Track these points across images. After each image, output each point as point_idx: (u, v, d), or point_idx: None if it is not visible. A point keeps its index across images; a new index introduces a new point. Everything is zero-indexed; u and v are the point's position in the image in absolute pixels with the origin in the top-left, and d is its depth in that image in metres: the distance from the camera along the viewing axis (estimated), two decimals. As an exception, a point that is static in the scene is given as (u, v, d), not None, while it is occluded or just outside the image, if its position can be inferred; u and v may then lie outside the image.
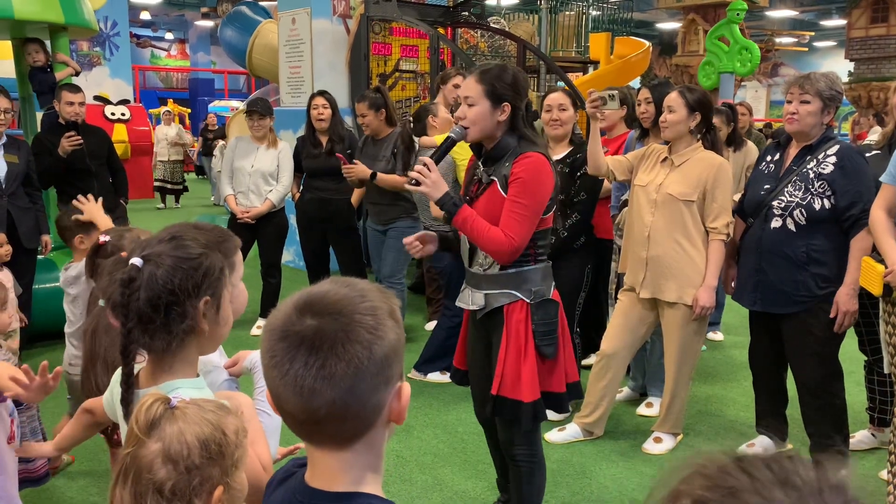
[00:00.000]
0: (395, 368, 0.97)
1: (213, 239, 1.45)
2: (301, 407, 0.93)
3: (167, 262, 1.38)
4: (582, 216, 3.77)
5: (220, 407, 1.24)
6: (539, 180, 2.43)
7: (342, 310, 0.94)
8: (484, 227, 2.42)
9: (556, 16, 10.21)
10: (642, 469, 3.48)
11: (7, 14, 4.76)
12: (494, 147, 2.49)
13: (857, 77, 15.58)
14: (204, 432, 1.19)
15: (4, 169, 4.35)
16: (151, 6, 23.33)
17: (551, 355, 2.52)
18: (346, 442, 0.97)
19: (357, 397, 0.93)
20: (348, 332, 0.92)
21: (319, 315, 0.93)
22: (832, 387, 3.26)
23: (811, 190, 3.11)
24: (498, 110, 2.43)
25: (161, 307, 1.37)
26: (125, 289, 1.36)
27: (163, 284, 1.36)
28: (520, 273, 2.51)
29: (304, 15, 7.18)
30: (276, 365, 0.93)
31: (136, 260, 1.38)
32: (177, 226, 1.46)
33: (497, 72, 2.45)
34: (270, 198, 5.18)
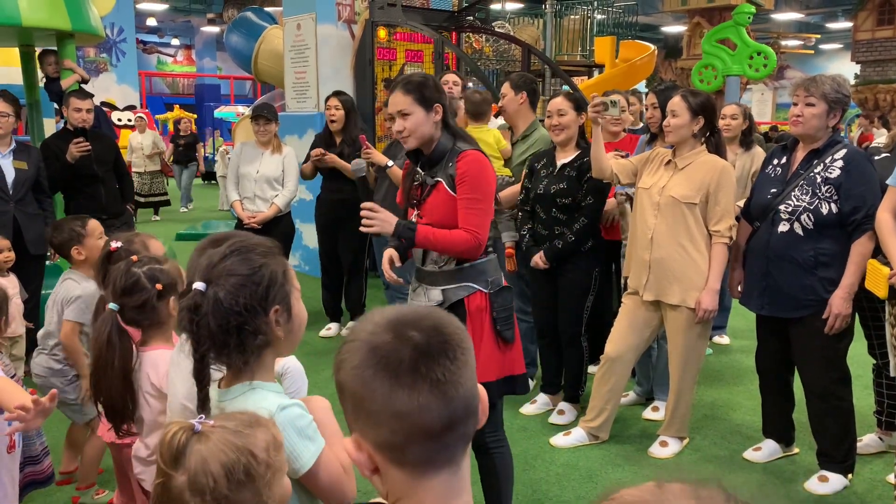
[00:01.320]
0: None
1: (268, 244, 1.46)
2: (444, 409, 0.92)
3: (230, 282, 1.37)
4: (589, 220, 3.77)
5: (248, 423, 1.21)
6: (484, 175, 2.57)
7: (434, 323, 0.96)
8: (446, 234, 2.55)
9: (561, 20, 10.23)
10: (648, 473, 3.46)
11: (14, 21, 4.79)
12: (434, 151, 2.60)
13: (864, 79, 15.54)
14: (229, 459, 1.16)
15: (12, 175, 4.37)
16: (158, 12, 23.45)
17: (511, 339, 2.64)
18: (461, 455, 0.97)
19: (472, 394, 0.96)
20: (449, 338, 0.95)
21: (419, 329, 0.94)
22: (840, 391, 3.25)
23: (818, 194, 3.10)
24: (432, 113, 2.55)
25: (232, 329, 1.36)
26: (193, 315, 1.35)
27: (229, 307, 1.36)
28: (475, 266, 2.62)
29: (310, 20, 7.21)
30: (405, 385, 0.91)
31: (198, 284, 1.36)
32: (232, 238, 1.44)
33: (419, 79, 2.58)
34: (276, 202, 5.20)
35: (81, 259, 3.08)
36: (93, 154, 4.82)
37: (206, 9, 23.55)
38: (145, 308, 2.07)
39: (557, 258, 3.79)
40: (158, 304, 2.07)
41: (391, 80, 7.21)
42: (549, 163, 3.86)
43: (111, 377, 2.00)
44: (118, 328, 2.02)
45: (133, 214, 5.43)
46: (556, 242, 3.77)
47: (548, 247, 3.81)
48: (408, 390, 0.90)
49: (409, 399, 0.91)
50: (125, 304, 2.05)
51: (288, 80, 7.66)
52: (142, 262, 2.10)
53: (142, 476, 2.13)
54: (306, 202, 7.18)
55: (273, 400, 1.41)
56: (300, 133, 7.31)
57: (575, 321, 3.88)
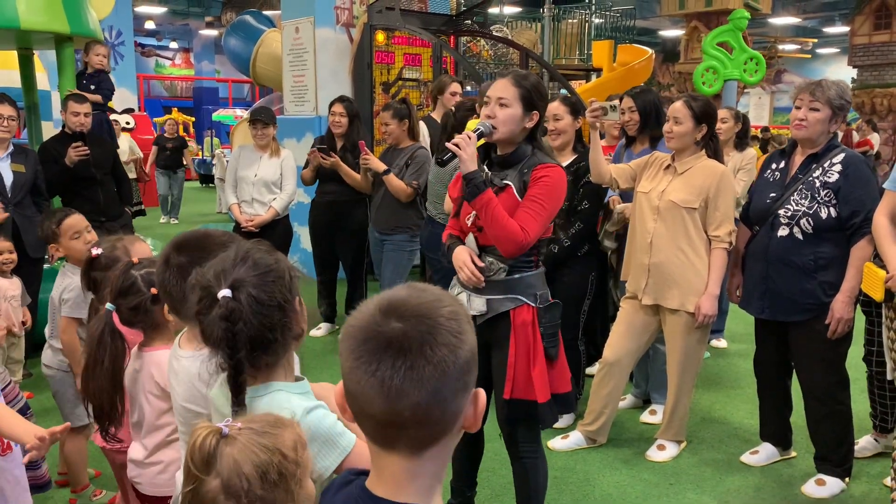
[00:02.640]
0: (473, 373, 0.97)
1: (264, 245, 1.47)
2: (386, 408, 0.93)
3: (261, 280, 1.38)
4: (585, 225, 3.77)
5: (273, 424, 1.21)
6: (560, 189, 2.50)
7: (426, 313, 0.95)
8: (504, 215, 2.43)
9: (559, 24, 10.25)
10: (646, 477, 3.47)
11: (13, 24, 4.79)
12: (511, 153, 2.53)
13: (861, 84, 15.57)
14: (261, 460, 1.16)
15: (11, 178, 4.37)
16: (156, 15, 23.45)
17: (555, 356, 2.57)
18: (422, 447, 0.96)
19: (440, 401, 0.93)
20: (435, 335, 0.93)
21: (404, 318, 0.94)
22: (839, 394, 3.25)
23: (817, 198, 3.11)
24: (527, 117, 2.49)
25: (276, 326, 1.38)
26: (229, 323, 1.35)
27: (269, 304, 1.37)
28: (523, 278, 2.55)
29: (308, 24, 7.21)
30: (362, 366, 0.93)
31: (224, 292, 1.37)
32: (234, 244, 1.47)
33: (534, 80, 2.50)
34: (274, 206, 5.20)
35: (61, 255, 3.08)
36: (91, 157, 4.82)
37: (204, 12, 23.55)
38: (139, 311, 2.07)
39: (553, 263, 3.79)
40: (152, 307, 2.07)
41: (389, 83, 7.24)
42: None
43: (100, 377, 2.00)
44: (112, 328, 2.02)
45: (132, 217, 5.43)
46: (552, 247, 3.78)
47: (544, 251, 3.81)
48: (362, 373, 0.93)
49: (359, 382, 0.93)
50: (120, 305, 2.05)
51: (286, 83, 7.66)
52: (141, 265, 2.10)
53: (137, 479, 2.11)
54: (304, 205, 7.17)
55: (297, 403, 1.42)
56: (298, 136, 7.32)
57: (571, 325, 3.88)
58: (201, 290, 1.43)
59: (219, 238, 1.81)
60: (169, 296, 1.76)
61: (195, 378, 1.73)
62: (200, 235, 1.83)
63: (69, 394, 3.07)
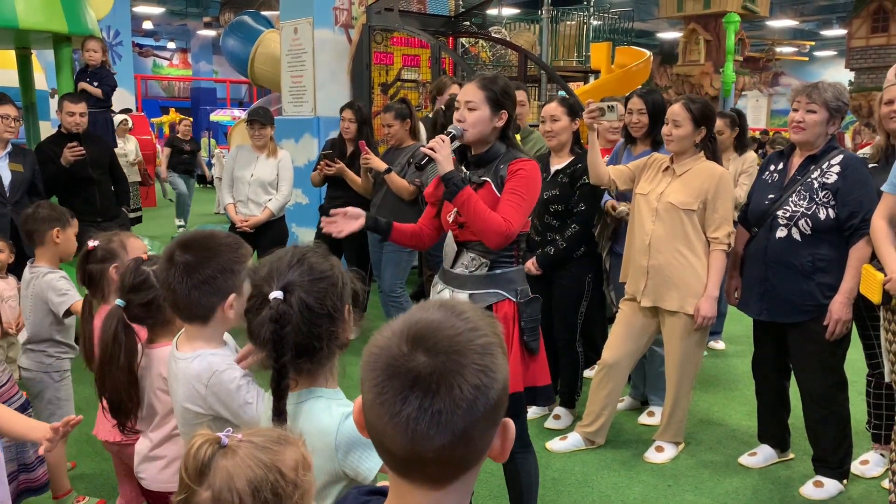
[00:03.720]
0: (503, 408, 0.91)
1: (321, 249, 1.47)
2: (407, 448, 0.87)
3: (314, 286, 1.38)
4: (581, 227, 3.77)
5: (276, 440, 1.16)
6: (536, 180, 2.57)
7: (458, 348, 0.87)
8: (485, 209, 2.49)
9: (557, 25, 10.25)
10: (644, 478, 3.47)
11: (11, 24, 4.78)
12: (485, 152, 2.60)
13: (858, 86, 15.61)
14: (256, 475, 1.10)
15: (9, 177, 4.36)
16: (154, 16, 23.44)
17: (536, 350, 2.62)
18: (443, 482, 0.91)
19: (468, 441, 0.87)
20: (465, 374, 0.86)
21: (433, 352, 0.87)
22: (837, 396, 3.25)
23: (816, 200, 3.11)
24: (496, 117, 2.55)
25: (322, 334, 1.37)
26: (277, 325, 1.34)
27: (318, 311, 1.37)
28: (505, 273, 2.60)
29: (307, 25, 7.21)
30: (385, 403, 0.87)
31: (276, 294, 1.36)
32: (291, 246, 1.46)
33: (496, 79, 2.57)
34: (270, 206, 5.19)
35: (56, 244, 3.09)
36: (87, 157, 4.81)
37: (202, 12, 23.54)
38: (150, 307, 2.07)
39: (550, 265, 3.79)
40: (164, 304, 2.07)
41: (388, 84, 7.24)
42: (544, 169, 3.86)
43: (116, 373, 2.00)
44: (124, 324, 2.02)
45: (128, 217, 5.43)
46: (549, 249, 3.78)
47: (540, 253, 3.81)
48: (384, 411, 0.87)
49: (381, 419, 0.88)
50: (131, 301, 2.05)
51: (284, 84, 7.66)
52: (152, 261, 2.11)
53: (142, 475, 2.12)
54: (302, 206, 7.18)
55: (336, 410, 1.41)
56: (296, 137, 7.31)
57: (569, 327, 3.88)
58: (254, 289, 1.42)
59: (224, 239, 1.82)
60: (174, 294, 1.75)
61: (194, 379, 1.73)
62: (207, 235, 1.83)
63: (48, 395, 3.06)
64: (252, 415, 1.72)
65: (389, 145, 5.08)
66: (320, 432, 1.39)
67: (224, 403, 1.73)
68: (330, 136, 5.82)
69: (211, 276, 1.74)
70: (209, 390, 1.71)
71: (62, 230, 3.08)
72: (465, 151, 2.66)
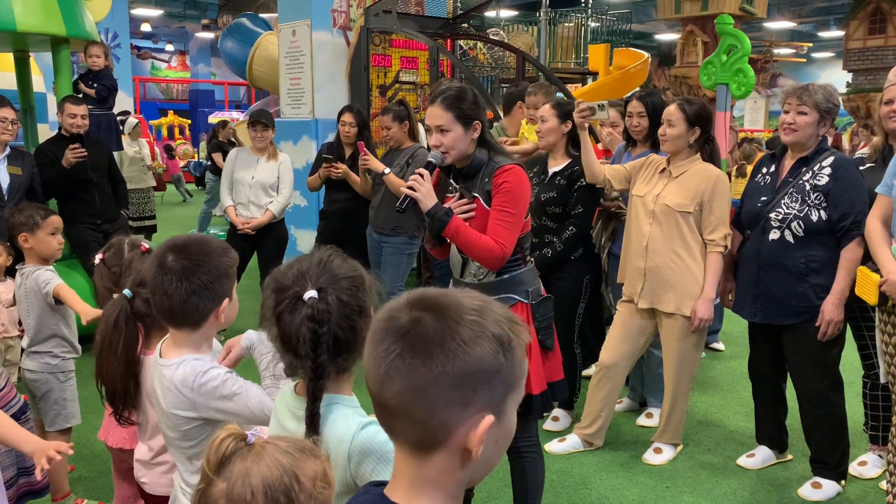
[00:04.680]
0: (479, 394, 0.91)
1: (341, 252, 1.48)
2: (375, 389, 0.94)
3: (345, 284, 1.40)
4: (579, 229, 3.77)
5: (301, 449, 1.15)
6: (521, 189, 2.55)
7: (448, 313, 0.92)
8: (475, 236, 2.50)
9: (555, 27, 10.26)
10: (642, 479, 3.47)
11: (9, 26, 4.78)
12: (469, 165, 2.58)
13: (856, 88, 15.62)
14: (272, 476, 1.10)
15: (7, 180, 4.36)
16: (152, 18, 23.42)
17: (551, 347, 2.66)
18: (421, 449, 0.95)
19: (424, 402, 0.91)
20: (442, 336, 0.90)
21: (424, 310, 0.93)
22: (832, 397, 3.26)
23: (808, 201, 3.12)
24: (471, 130, 2.53)
25: (359, 327, 1.39)
26: (315, 324, 1.35)
27: (354, 307, 1.39)
28: (514, 277, 2.61)
29: (305, 27, 7.21)
30: (370, 343, 0.95)
31: (311, 293, 1.37)
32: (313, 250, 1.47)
33: (458, 94, 2.52)
34: (271, 209, 5.20)
35: (28, 247, 3.09)
36: (87, 160, 4.82)
37: (200, 14, 23.53)
38: None
39: (547, 267, 3.80)
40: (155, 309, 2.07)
41: (386, 86, 7.24)
42: (542, 170, 3.87)
43: (114, 361, 2.00)
44: (127, 313, 2.02)
45: (128, 220, 5.43)
46: (546, 251, 3.78)
47: (537, 255, 3.82)
48: (367, 350, 0.96)
49: (364, 357, 0.97)
50: (137, 294, 2.05)
51: (283, 86, 7.66)
52: None
53: (143, 479, 2.13)
54: (301, 208, 7.18)
55: (353, 420, 1.41)
56: (295, 139, 7.32)
57: (567, 328, 3.88)
58: (280, 292, 1.41)
59: (217, 244, 1.82)
60: (170, 300, 1.74)
61: (180, 384, 1.73)
62: (199, 239, 1.82)
63: (55, 396, 3.07)
64: (246, 404, 1.71)
65: (388, 147, 5.08)
66: (337, 440, 1.39)
67: (213, 403, 1.73)
68: (327, 140, 5.81)
69: (209, 280, 1.73)
70: (196, 393, 1.72)
71: (30, 234, 3.06)
72: (451, 166, 2.65)
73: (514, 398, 0.96)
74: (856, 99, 15.31)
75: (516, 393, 0.95)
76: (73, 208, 4.95)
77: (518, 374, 0.95)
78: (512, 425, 0.97)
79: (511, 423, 0.97)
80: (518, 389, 0.95)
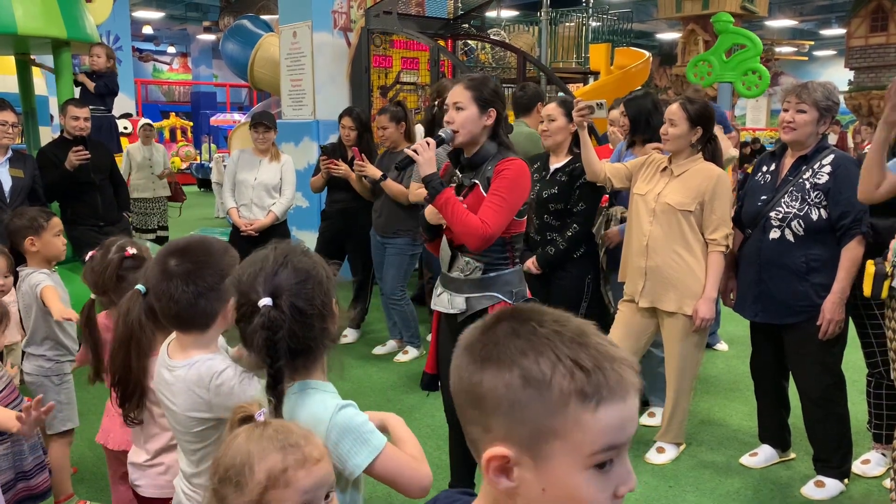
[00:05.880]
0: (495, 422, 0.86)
1: (300, 246, 1.48)
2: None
3: (301, 288, 1.38)
4: (581, 226, 3.77)
5: (279, 443, 1.18)
6: (520, 181, 2.58)
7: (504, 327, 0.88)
8: (462, 211, 2.53)
9: (556, 27, 10.25)
10: (645, 479, 3.47)
11: (10, 29, 4.79)
12: (476, 153, 2.61)
13: (857, 86, 15.60)
14: (233, 458, 1.16)
15: (9, 183, 4.37)
16: (153, 20, 23.46)
17: None
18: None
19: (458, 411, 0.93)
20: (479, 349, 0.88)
21: (502, 319, 0.89)
22: (834, 396, 3.25)
23: (808, 200, 3.12)
24: (485, 116, 2.58)
25: (317, 333, 1.39)
26: (270, 332, 1.34)
27: (310, 312, 1.38)
28: (500, 276, 2.62)
29: (305, 28, 7.22)
30: None
31: (265, 301, 1.36)
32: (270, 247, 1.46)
33: (483, 80, 2.61)
34: (274, 210, 5.20)
35: (34, 251, 3.10)
36: (90, 162, 4.83)
37: (202, 17, 23.55)
38: None
39: (549, 264, 3.80)
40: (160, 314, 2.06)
41: (387, 87, 7.25)
42: (543, 167, 3.87)
43: (133, 359, 1.93)
44: (147, 310, 1.89)
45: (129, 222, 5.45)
46: (549, 249, 3.78)
47: (540, 253, 3.82)
48: None
49: None
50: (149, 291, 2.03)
51: (284, 87, 7.67)
52: None
53: (138, 482, 2.11)
54: (303, 209, 7.19)
55: (330, 402, 1.43)
56: (296, 141, 7.33)
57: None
58: (241, 296, 1.41)
59: (217, 244, 1.81)
60: (177, 304, 1.72)
61: (195, 385, 1.71)
62: (200, 241, 1.81)
63: (50, 399, 3.07)
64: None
65: (385, 148, 5.08)
66: (314, 420, 1.40)
67: (230, 402, 1.72)
68: (329, 141, 5.82)
69: (215, 282, 1.71)
70: (212, 393, 1.70)
71: (36, 237, 3.07)
72: (459, 154, 2.67)
73: (564, 449, 0.81)
74: (858, 97, 15.29)
75: (566, 443, 0.81)
76: (75, 210, 4.96)
77: (560, 423, 0.81)
78: (566, 480, 0.82)
79: (563, 476, 0.82)
80: (569, 441, 0.81)
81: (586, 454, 0.82)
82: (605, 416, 0.81)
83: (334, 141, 5.50)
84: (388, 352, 5.26)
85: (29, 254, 3.12)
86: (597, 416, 0.81)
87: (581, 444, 0.81)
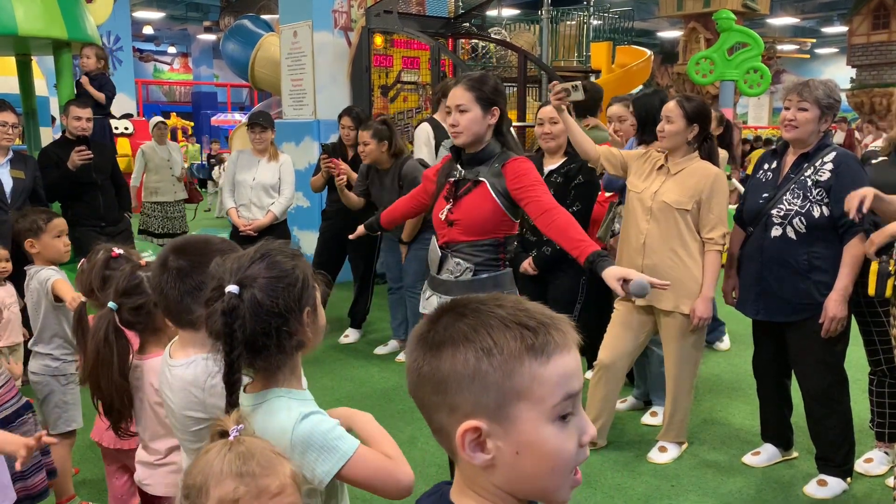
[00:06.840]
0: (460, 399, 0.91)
1: (291, 248, 1.47)
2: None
3: (267, 283, 1.38)
4: (576, 227, 3.75)
5: (237, 470, 1.18)
6: (538, 173, 2.66)
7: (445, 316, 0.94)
8: (575, 232, 2.58)
9: (557, 25, 10.23)
10: (647, 478, 3.46)
11: (11, 30, 4.80)
12: (479, 151, 2.61)
13: (859, 83, 15.59)
14: (195, 476, 1.17)
15: (10, 184, 4.37)
16: (154, 21, 23.48)
17: None
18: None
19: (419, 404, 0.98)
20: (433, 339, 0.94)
21: (442, 312, 0.94)
22: (837, 394, 3.24)
23: (810, 197, 3.11)
24: (488, 115, 2.58)
25: (272, 332, 1.37)
26: (228, 318, 1.34)
27: (269, 308, 1.36)
28: (492, 277, 2.62)
29: (306, 28, 7.22)
30: None
31: (232, 287, 1.36)
32: (260, 243, 1.47)
33: (482, 78, 2.60)
34: (273, 210, 5.20)
35: (35, 251, 3.11)
36: (92, 162, 4.83)
37: (202, 17, 23.57)
38: (141, 312, 2.06)
39: (546, 265, 3.79)
40: (155, 310, 2.06)
41: (388, 86, 7.24)
42: (537, 169, 3.84)
43: (108, 375, 1.99)
44: (114, 327, 2.01)
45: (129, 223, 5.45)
46: (545, 249, 3.77)
47: (536, 254, 3.81)
48: None
49: None
50: (123, 305, 2.05)
51: (284, 87, 7.67)
52: (148, 267, 2.10)
53: (147, 482, 2.11)
54: (303, 209, 7.19)
55: (295, 409, 1.41)
56: (297, 141, 7.32)
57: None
58: (214, 282, 1.43)
59: (218, 244, 1.81)
60: (166, 299, 1.75)
61: (191, 385, 1.72)
62: (201, 240, 1.82)
63: (55, 399, 3.07)
64: None
65: (365, 164, 4.87)
66: (278, 431, 1.39)
67: (223, 404, 1.72)
68: (330, 140, 5.81)
69: (203, 281, 1.73)
70: (206, 393, 1.71)
71: (35, 239, 3.09)
72: (460, 151, 2.67)
73: (528, 407, 0.88)
74: (859, 94, 15.28)
75: (529, 401, 0.88)
76: (77, 211, 4.96)
77: (518, 381, 0.87)
78: (536, 437, 0.88)
79: (532, 433, 0.88)
80: (531, 399, 0.88)
81: (549, 406, 0.89)
82: (557, 368, 0.89)
83: (335, 140, 5.49)
84: (389, 352, 5.26)
85: (33, 255, 3.15)
86: (549, 368, 0.89)
87: (542, 398, 0.88)
